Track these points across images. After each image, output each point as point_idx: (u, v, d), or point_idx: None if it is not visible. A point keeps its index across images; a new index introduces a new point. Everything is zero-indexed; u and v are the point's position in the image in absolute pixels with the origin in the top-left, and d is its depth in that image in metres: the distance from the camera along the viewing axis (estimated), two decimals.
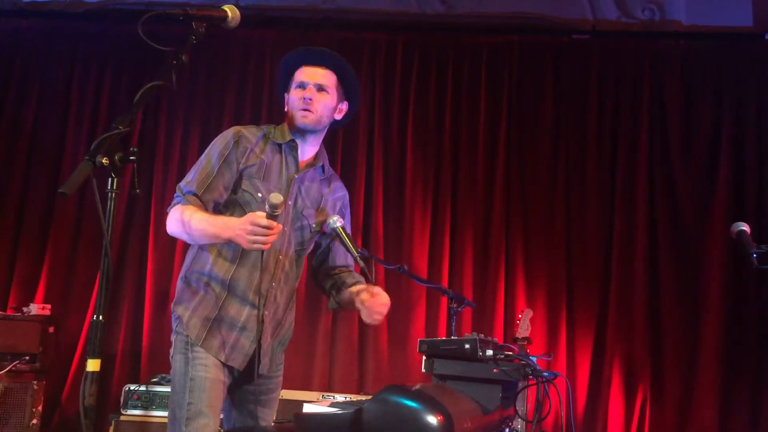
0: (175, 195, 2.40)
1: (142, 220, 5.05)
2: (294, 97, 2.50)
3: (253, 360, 2.41)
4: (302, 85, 2.50)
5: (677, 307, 4.81)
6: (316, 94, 2.49)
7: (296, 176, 2.49)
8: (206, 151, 2.46)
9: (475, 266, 4.94)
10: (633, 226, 4.90)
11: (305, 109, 2.47)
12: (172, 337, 2.43)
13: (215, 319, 2.37)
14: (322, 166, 2.60)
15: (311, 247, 2.63)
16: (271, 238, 2.14)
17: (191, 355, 2.34)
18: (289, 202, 2.47)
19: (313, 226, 2.54)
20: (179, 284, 2.49)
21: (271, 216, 2.11)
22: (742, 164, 4.92)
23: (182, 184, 2.40)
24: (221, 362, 2.36)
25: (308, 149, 2.55)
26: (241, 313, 2.39)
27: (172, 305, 2.48)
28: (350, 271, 2.70)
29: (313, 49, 2.58)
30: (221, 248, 2.41)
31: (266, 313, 2.42)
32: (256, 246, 2.16)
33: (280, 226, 2.15)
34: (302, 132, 2.50)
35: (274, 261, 2.44)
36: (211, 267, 2.41)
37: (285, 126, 2.54)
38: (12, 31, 5.34)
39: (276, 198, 2.06)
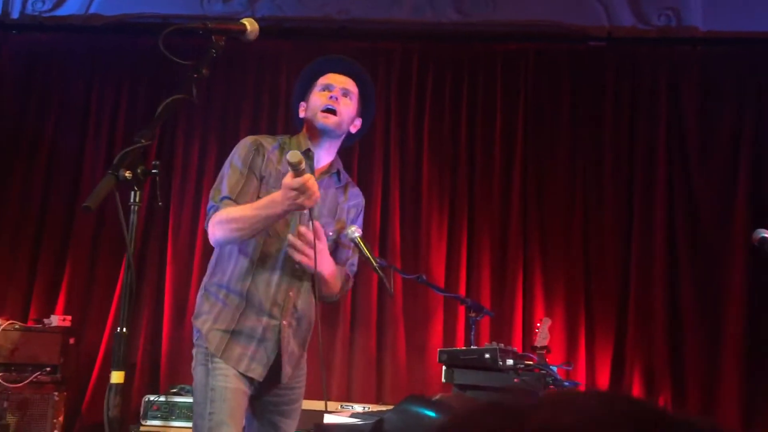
0: (209, 206, 2.38)
1: (160, 232, 5.08)
2: (317, 100, 2.49)
3: (273, 370, 2.41)
4: (328, 88, 2.50)
5: (697, 315, 4.76)
6: (342, 97, 2.49)
7: None
8: (228, 160, 2.45)
9: (493, 275, 4.92)
10: (651, 233, 4.86)
11: (329, 110, 2.46)
12: (193, 351, 2.45)
13: (234, 332, 2.38)
14: (338, 174, 2.59)
15: None
16: (312, 190, 2.12)
17: (212, 366, 2.35)
18: (305, 211, 2.47)
19: (331, 234, 2.54)
20: (199, 297, 2.50)
21: (298, 174, 2.08)
22: (761, 170, 4.87)
23: (214, 194, 2.39)
24: (241, 373, 2.36)
25: (324, 156, 2.55)
26: (258, 324, 2.39)
27: (192, 318, 2.49)
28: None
29: (343, 57, 2.59)
30: (238, 259, 2.41)
31: (284, 323, 2.42)
32: (309, 202, 2.14)
33: (311, 176, 2.12)
34: (321, 134, 2.48)
35: (291, 271, 2.43)
36: (228, 279, 2.42)
37: (301, 136, 2.54)
38: (31, 45, 5.41)
39: (293, 156, 2.03)
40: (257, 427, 2.53)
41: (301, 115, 2.56)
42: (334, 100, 2.47)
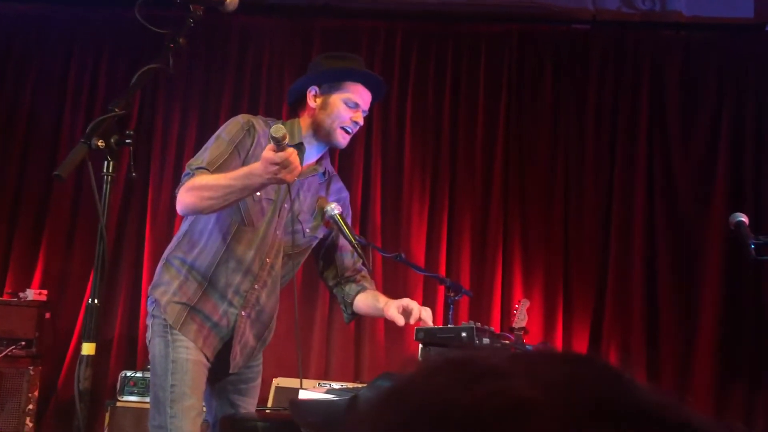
0: (184, 174, 2.29)
1: (139, 206, 5.04)
2: (343, 111, 2.42)
3: (222, 355, 2.40)
4: (357, 106, 2.45)
5: (674, 297, 4.81)
6: (361, 118, 2.47)
7: (297, 180, 2.40)
8: (216, 134, 2.38)
9: (473, 255, 4.94)
10: (631, 216, 4.89)
11: (350, 132, 2.45)
12: (148, 321, 2.41)
13: (193, 308, 2.35)
14: (324, 172, 2.56)
15: (306, 252, 2.58)
16: (295, 165, 2.01)
17: (171, 337, 2.32)
18: (286, 206, 2.43)
19: (308, 231, 2.50)
20: (159, 267, 2.46)
21: (281, 149, 1.98)
22: (741, 155, 4.91)
23: (192, 162, 2.30)
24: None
25: (315, 153, 2.51)
26: (216, 309, 2.37)
27: (149, 288, 2.45)
28: (354, 275, 2.64)
29: (376, 76, 2.55)
30: (209, 240, 2.38)
31: (243, 313, 2.40)
32: (291, 177, 2.05)
33: (293, 151, 2.02)
34: (326, 142, 2.46)
35: (260, 263, 2.40)
36: (195, 257, 2.38)
37: (296, 125, 2.46)
38: (9, 15, 5.31)
39: (277, 131, 1.94)
40: (216, 406, 2.53)
41: (311, 103, 2.45)
42: (357, 126, 2.45)
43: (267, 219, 2.40)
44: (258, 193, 2.35)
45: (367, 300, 2.58)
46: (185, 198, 2.21)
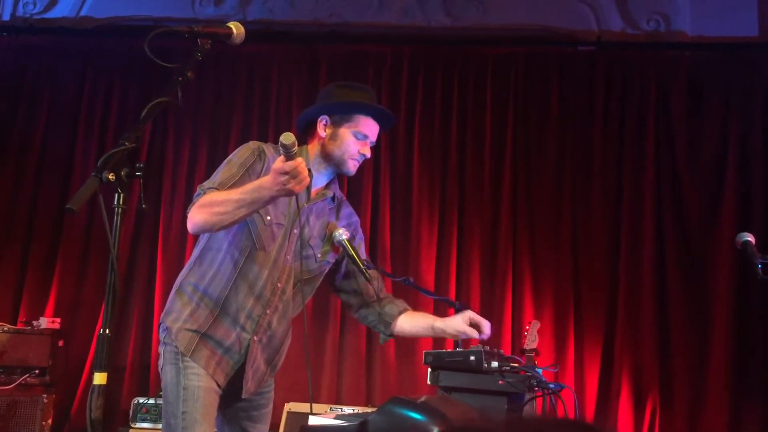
0: (195, 194, 2.31)
1: (151, 235, 5.08)
2: (352, 144, 2.48)
3: (234, 381, 2.41)
4: (366, 138, 2.52)
5: (685, 317, 4.80)
6: (369, 151, 2.54)
7: (306, 206, 2.46)
8: (227, 158, 2.41)
9: (482, 278, 4.94)
10: (640, 237, 4.89)
11: (358, 161, 2.51)
12: (160, 349, 2.43)
13: (204, 334, 2.37)
14: (333, 196, 2.59)
15: (319, 278, 2.59)
16: (303, 175, 2.04)
17: (182, 365, 2.34)
18: (295, 231, 2.44)
19: (319, 256, 2.51)
20: (172, 294, 2.48)
21: (289, 157, 2.00)
22: (748, 174, 4.91)
23: (203, 184, 2.33)
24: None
25: (323, 179, 2.54)
26: (229, 335, 2.38)
27: (162, 315, 2.46)
28: (386, 297, 2.68)
29: (386, 110, 2.61)
30: (221, 265, 2.40)
31: (255, 338, 2.41)
32: (299, 187, 2.06)
33: (302, 160, 2.03)
34: (335, 169, 2.51)
35: (271, 288, 2.41)
36: (208, 283, 2.40)
37: (305, 151, 2.49)
38: (22, 47, 5.40)
39: (287, 138, 1.95)
40: None
41: (321, 131, 2.49)
42: (364, 158, 2.52)
43: (278, 244, 2.42)
44: (268, 217, 2.38)
45: (416, 320, 2.65)
46: (195, 215, 2.23)
